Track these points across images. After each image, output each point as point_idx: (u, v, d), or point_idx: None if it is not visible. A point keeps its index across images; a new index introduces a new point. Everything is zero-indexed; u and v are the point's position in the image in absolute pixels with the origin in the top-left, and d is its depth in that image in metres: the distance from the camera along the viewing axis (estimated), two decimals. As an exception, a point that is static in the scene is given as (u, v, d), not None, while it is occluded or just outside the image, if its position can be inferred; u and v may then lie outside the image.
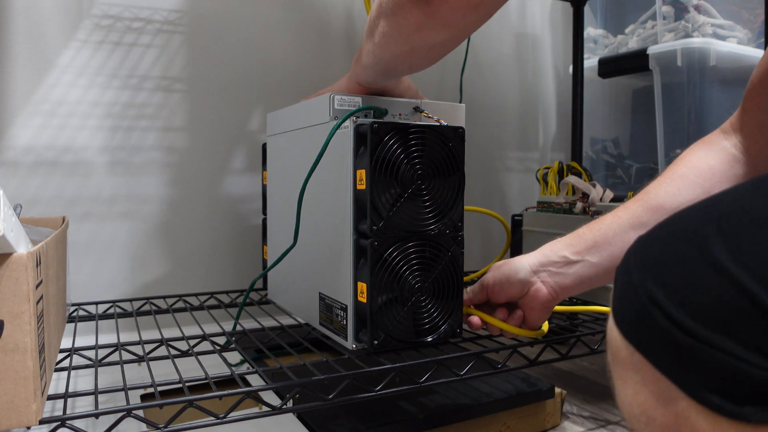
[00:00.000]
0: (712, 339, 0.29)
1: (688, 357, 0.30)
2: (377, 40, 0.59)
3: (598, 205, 0.98)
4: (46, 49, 0.96)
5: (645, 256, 0.34)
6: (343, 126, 0.64)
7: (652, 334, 0.31)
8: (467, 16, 0.51)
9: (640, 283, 0.33)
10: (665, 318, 0.31)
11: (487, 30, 1.39)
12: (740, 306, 0.28)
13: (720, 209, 0.32)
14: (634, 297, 0.33)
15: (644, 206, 0.62)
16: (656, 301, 0.31)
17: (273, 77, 1.13)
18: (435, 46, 0.56)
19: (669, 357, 0.31)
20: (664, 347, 0.31)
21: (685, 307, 0.30)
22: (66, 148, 0.97)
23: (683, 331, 0.30)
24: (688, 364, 0.30)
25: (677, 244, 0.33)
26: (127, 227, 1.02)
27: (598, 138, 1.40)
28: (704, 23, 1.15)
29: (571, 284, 0.64)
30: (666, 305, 0.31)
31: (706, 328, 0.29)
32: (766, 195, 0.31)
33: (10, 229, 0.42)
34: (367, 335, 0.62)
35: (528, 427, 0.78)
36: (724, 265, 0.29)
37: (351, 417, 0.69)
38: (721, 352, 0.28)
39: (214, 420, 0.54)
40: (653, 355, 0.32)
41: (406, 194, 0.62)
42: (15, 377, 0.46)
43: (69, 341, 0.72)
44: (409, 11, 0.52)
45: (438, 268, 0.65)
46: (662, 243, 0.34)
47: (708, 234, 0.31)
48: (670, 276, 0.32)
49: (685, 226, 0.34)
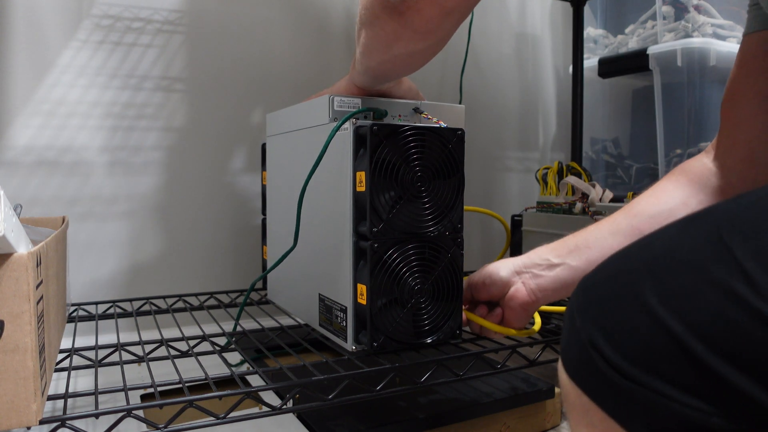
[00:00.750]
0: (646, 381, 0.29)
1: (628, 398, 0.30)
2: (361, 50, 0.60)
3: (598, 206, 0.98)
4: (46, 49, 0.96)
5: (586, 300, 0.35)
6: (343, 128, 0.64)
7: (594, 377, 0.32)
8: (442, 23, 0.52)
9: (582, 326, 0.34)
10: (604, 361, 0.31)
11: (487, 30, 1.39)
12: (669, 349, 0.29)
13: (652, 251, 0.33)
14: (576, 340, 0.34)
15: (624, 214, 0.64)
16: (595, 344, 0.32)
17: (273, 77, 1.13)
18: (414, 53, 0.57)
19: (611, 398, 0.31)
20: (606, 389, 0.32)
21: (620, 349, 0.31)
22: (66, 148, 0.97)
23: (620, 373, 0.30)
24: (628, 405, 0.30)
25: (613, 287, 0.34)
26: (127, 227, 1.02)
27: (598, 138, 1.40)
28: (704, 23, 1.15)
29: (550, 287, 0.65)
30: (603, 348, 0.32)
31: (640, 370, 0.30)
32: (693, 237, 0.32)
33: (10, 229, 0.42)
34: (366, 337, 0.62)
35: (528, 427, 0.78)
36: (653, 308, 0.30)
37: (351, 417, 0.69)
38: (656, 394, 0.29)
39: (214, 420, 0.54)
40: (597, 397, 0.32)
41: (406, 196, 0.62)
42: (15, 377, 0.46)
43: (69, 341, 0.72)
44: (385, 22, 0.52)
45: (438, 269, 0.65)
46: (600, 285, 0.35)
47: (640, 277, 0.32)
48: (606, 319, 0.33)
49: (621, 267, 0.35)
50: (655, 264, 0.32)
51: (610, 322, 0.32)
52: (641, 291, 0.31)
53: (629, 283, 0.32)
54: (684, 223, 0.33)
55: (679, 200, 0.61)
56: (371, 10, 0.53)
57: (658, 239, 0.34)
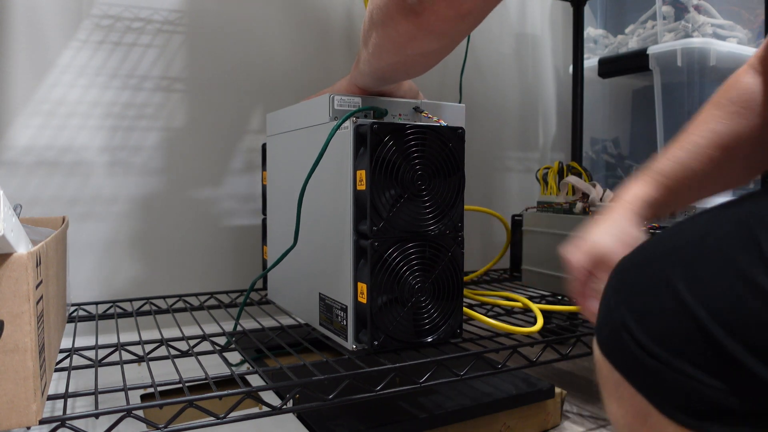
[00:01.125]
0: (671, 361, 0.32)
1: (654, 376, 0.33)
2: (371, 50, 0.59)
3: (598, 205, 0.98)
4: (46, 49, 0.96)
5: (620, 282, 0.37)
6: (343, 126, 0.64)
7: (625, 355, 0.35)
8: (458, 24, 0.51)
9: (615, 307, 0.36)
10: (633, 341, 0.34)
11: (487, 30, 1.39)
12: (692, 332, 0.31)
13: (683, 238, 0.35)
14: (610, 320, 0.36)
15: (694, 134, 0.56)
16: (626, 325, 0.35)
17: (273, 77, 1.13)
18: (428, 54, 0.56)
19: (640, 376, 0.34)
20: (635, 367, 0.34)
21: (649, 331, 0.33)
22: (66, 148, 0.97)
23: (648, 353, 0.33)
24: (655, 383, 0.33)
25: (646, 271, 0.36)
26: (128, 227, 1.02)
27: (598, 138, 1.40)
28: (704, 23, 1.15)
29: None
30: (634, 329, 0.34)
31: (666, 351, 0.32)
32: (723, 227, 0.33)
33: (10, 229, 0.42)
34: (367, 336, 0.62)
35: (528, 427, 0.78)
36: (680, 293, 0.32)
37: (351, 417, 0.69)
38: (679, 374, 0.31)
39: (214, 420, 0.54)
40: (628, 374, 0.35)
41: (406, 195, 0.62)
42: (15, 377, 0.46)
43: (69, 341, 0.72)
44: (399, 23, 0.52)
45: (438, 268, 0.65)
46: (634, 270, 0.37)
47: (671, 263, 0.34)
48: (638, 302, 0.35)
49: (654, 252, 0.37)
50: (685, 251, 0.34)
51: (640, 304, 0.34)
52: (670, 276, 0.33)
53: (660, 268, 0.35)
54: (715, 211, 0.35)
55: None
56: (385, 10, 0.52)
57: (690, 226, 0.36)
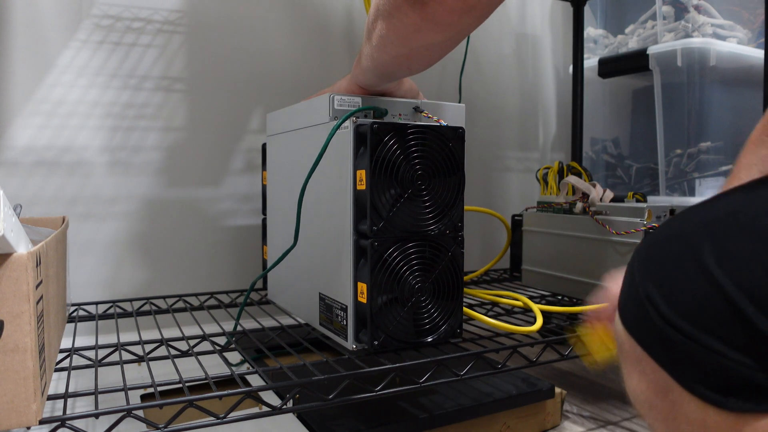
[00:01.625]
0: (698, 336, 0.31)
1: (679, 352, 0.32)
2: (375, 43, 0.59)
3: (598, 205, 0.98)
4: (46, 49, 0.96)
5: (646, 257, 0.37)
6: (343, 126, 0.64)
7: (649, 330, 0.34)
8: (464, 17, 0.51)
9: (640, 282, 0.36)
10: (659, 316, 0.33)
11: (487, 30, 1.39)
12: (722, 308, 0.31)
13: (713, 213, 0.35)
14: (635, 295, 0.36)
15: None
16: (652, 299, 0.34)
17: (273, 77, 1.13)
18: (433, 47, 0.56)
19: (663, 351, 0.34)
20: (659, 342, 0.34)
21: (676, 306, 0.33)
22: (66, 148, 0.97)
23: (674, 328, 0.33)
24: (679, 358, 0.33)
25: (673, 246, 0.35)
26: (127, 227, 1.02)
27: (598, 138, 1.40)
28: (704, 23, 1.15)
29: None
30: (660, 304, 0.34)
31: (693, 327, 0.32)
32: (755, 202, 0.33)
33: (10, 229, 0.42)
34: (367, 335, 0.62)
35: (528, 427, 0.78)
36: (709, 269, 0.32)
37: (351, 417, 0.69)
38: (706, 349, 0.31)
39: (214, 420, 0.54)
40: (651, 349, 0.35)
41: (406, 194, 0.62)
42: (15, 377, 0.46)
43: (69, 341, 0.72)
44: (406, 14, 0.52)
45: (438, 268, 0.65)
46: (661, 244, 0.37)
47: (700, 238, 0.34)
48: (664, 277, 0.34)
49: (682, 228, 0.36)
50: (716, 225, 0.34)
51: (667, 279, 0.34)
52: (699, 251, 0.33)
53: (688, 243, 0.34)
54: (749, 187, 0.35)
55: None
56: (392, 1, 0.53)
57: (721, 202, 0.35)
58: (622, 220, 0.88)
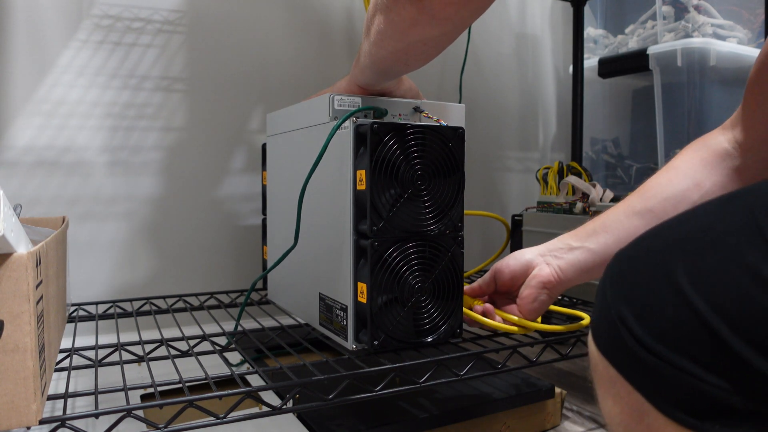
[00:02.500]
0: (672, 358, 0.30)
1: (653, 374, 0.31)
2: (373, 38, 0.59)
3: (598, 205, 0.98)
4: (46, 49, 0.96)
5: (618, 276, 0.36)
6: (343, 126, 0.64)
7: (622, 352, 0.33)
8: (460, 10, 0.52)
9: (612, 301, 0.35)
10: (632, 337, 0.32)
11: (487, 30, 1.39)
12: (695, 329, 0.30)
13: (685, 230, 0.34)
14: (607, 315, 0.35)
15: (639, 195, 0.64)
16: (624, 320, 0.33)
17: (273, 77, 1.13)
18: (429, 41, 0.56)
19: (638, 373, 0.32)
20: (633, 364, 0.33)
21: (649, 327, 0.32)
22: (66, 148, 0.97)
23: (648, 350, 0.31)
24: (654, 381, 0.31)
25: (645, 265, 0.34)
26: (127, 227, 1.02)
27: (598, 138, 1.40)
28: (704, 23, 1.15)
29: (570, 268, 0.66)
30: (632, 324, 0.33)
31: (667, 348, 0.31)
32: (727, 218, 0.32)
33: (10, 229, 0.42)
34: (367, 335, 0.62)
35: (528, 427, 0.78)
36: (682, 288, 0.31)
37: (351, 417, 0.69)
38: (680, 371, 0.30)
39: (214, 420, 0.54)
40: (625, 371, 0.33)
41: (406, 194, 0.62)
42: (15, 377, 0.46)
43: (69, 341, 0.72)
44: (403, 7, 0.52)
45: (438, 268, 0.65)
46: (633, 263, 0.36)
47: (672, 256, 0.33)
48: (636, 296, 0.33)
49: (655, 245, 0.35)
50: (688, 243, 0.33)
51: (639, 299, 0.33)
52: (672, 269, 0.32)
53: (660, 261, 0.33)
54: (720, 202, 0.34)
55: (692, 182, 0.61)
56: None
57: (692, 218, 0.34)
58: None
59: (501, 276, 0.70)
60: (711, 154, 0.62)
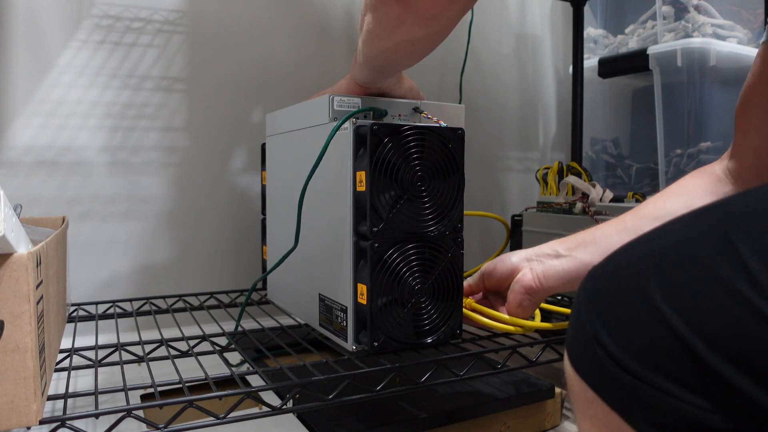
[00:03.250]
0: (648, 377, 0.29)
1: (630, 393, 0.30)
2: (364, 37, 0.59)
3: (598, 206, 0.98)
4: (46, 49, 0.96)
5: (592, 292, 0.35)
6: (343, 127, 0.64)
7: (598, 371, 0.32)
8: (446, 9, 0.52)
9: (587, 320, 0.34)
10: (607, 356, 0.31)
11: (487, 30, 1.39)
12: (671, 345, 0.29)
13: (658, 245, 0.33)
14: (582, 333, 0.34)
15: (633, 214, 0.66)
16: (599, 338, 0.32)
17: (273, 77, 1.13)
18: (418, 41, 0.56)
19: (614, 393, 0.32)
20: (609, 384, 0.32)
21: (624, 345, 0.31)
22: (66, 148, 0.97)
23: (623, 368, 0.31)
24: (631, 401, 0.31)
25: (619, 281, 0.34)
26: (127, 227, 1.02)
27: (598, 138, 1.40)
28: (704, 23, 1.15)
29: (554, 276, 0.66)
30: (607, 343, 0.32)
31: (643, 366, 0.30)
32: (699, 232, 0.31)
33: (10, 230, 0.42)
34: (367, 337, 0.62)
35: (528, 427, 0.78)
36: (656, 303, 0.30)
37: (351, 417, 0.69)
38: (657, 390, 0.29)
39: (214, 420, 0.54)
40: (601, 391, 0.32)
41: (406, 196, 0.62)
42: (15, 377, 0.46)
43: (69, 341, 0.72)
44: (390, 6, 0.52)
45: (438, 269, 0.65)
46: (606, 279, 0.35)
47: (645, 271, 0.32)
48: (611, 314, 0.33)
49: (628, 261, 0.34)
50: (661, 258, 0.32)
51: (614, 316, 0.32)
52: (646, 286, 0.31)
53: (634, 278, 0.32)
54: (691, 217, 0.33)
55: (685, 205, 0.62)
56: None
57: (665, 233, 0.34)
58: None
59: (489, 278, 0.71)
60: (707, 181, 0.64)
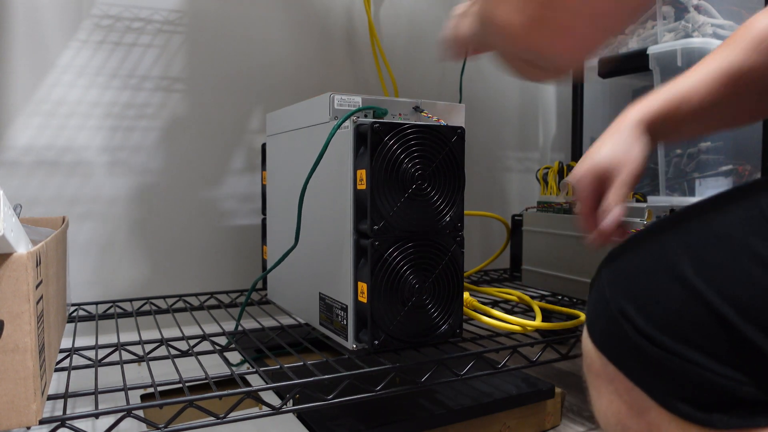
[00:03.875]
0: (678, 349, 0.30)
1: (657, 367, 0.30)
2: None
3: (598, 205, 0.98)
4: (46, 49, 0.96)
5: (616, 271, 0.35)
6: (343, 126, 0.64)
7: (622, 346, 0.33)
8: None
9: (612, 296, 0.34)
10: (634, 330, 0.32)
11: (487, 30, 1.39)
12: (703, 317, 0.29)
13: (688, 224, 0.34)
14: (605, 310, 0.34)
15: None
16: (626, 313, 0.32)
17: (273, 77, 1.13)
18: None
19: (639, 367, 0.32)
20: (634, 358, 0.32)
21: (652, 319, 0.31)
22: (66, 148, 0.97)
23: (651, 342, 0.31)
24: (657, 374, 0.31)
25: (646, 259, 0.34)
26: (128, 227, 1.02)
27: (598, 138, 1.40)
28: (704, 23, 1.15)
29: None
30: (635, 317, 0.32)
31: (672, 339, 0.30)
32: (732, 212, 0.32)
33: (10, 229, 0.42)
34: (367, 335, 0.62)
35: (528, 427, 0.78)
36: (688, 279, 0.30)
37: (351, 417, 0.69)
38: (686, 362, 0.29)
39: (214, 420, 0.54)
40: (625, 366, 0.33)
41: (407, 194, 0.62)
42: (15, 377, 0.46)
43: (69, 341, 0.72)
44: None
45: (438, 268, 0.65)
46: (632, 258, 0.35)
47: (675, 249, 0.32)
48: (638, 290, 0.33)
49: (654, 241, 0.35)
50: (691, 236, 0.32)
51: (642, 291, 0.32)
52: (676, 262, 0.31)
53: (663, 255, 0.33)
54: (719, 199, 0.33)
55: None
56: None
57: (693, 213, 0.34)
58: (622, 220, 0.88)
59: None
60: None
